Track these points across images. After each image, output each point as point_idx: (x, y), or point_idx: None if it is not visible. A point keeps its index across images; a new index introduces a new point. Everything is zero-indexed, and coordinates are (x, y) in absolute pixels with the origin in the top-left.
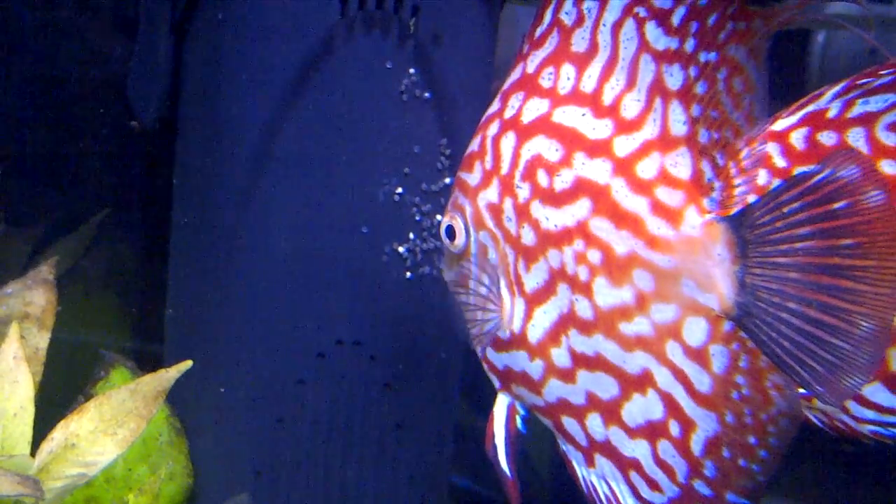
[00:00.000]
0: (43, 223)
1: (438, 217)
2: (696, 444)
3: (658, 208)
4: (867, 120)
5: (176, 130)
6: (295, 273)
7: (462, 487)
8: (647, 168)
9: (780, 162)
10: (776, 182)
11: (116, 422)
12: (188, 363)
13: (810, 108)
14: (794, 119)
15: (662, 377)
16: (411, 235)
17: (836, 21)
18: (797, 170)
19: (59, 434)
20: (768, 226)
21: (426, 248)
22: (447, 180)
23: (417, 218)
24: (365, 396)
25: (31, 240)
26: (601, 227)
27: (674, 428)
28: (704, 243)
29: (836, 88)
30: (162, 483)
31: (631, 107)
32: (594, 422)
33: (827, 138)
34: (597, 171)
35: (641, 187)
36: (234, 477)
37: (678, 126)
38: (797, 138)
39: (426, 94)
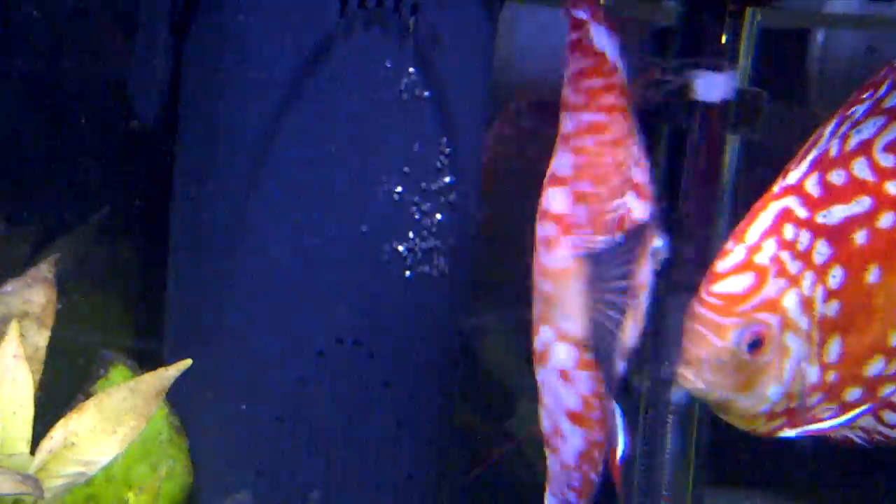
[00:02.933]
0: (43, 223)
1: (438, 216)
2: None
3: None
4: (865, 149)
5: (176, 130)
6: (294, 271)
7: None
8: None
9: (801, 213)
10: (804, 234)
11: (116, 420)
12: (188, 362)
13: (814, 153)
14: (804, 167)
15: None
16: (411, 234)
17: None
18: (819, 216)
19: (58, 433)
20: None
21: (425, 247)
22: (446, 179)
23: (417, 217)
24: (365, 395)
25: (31, 239)
26: None
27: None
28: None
29: (831, 126)
30: (162, 481)
31: None
32: None
33: (837, 177)
34: None
35: None
36: (234, 475)
37: None
38: (812, 186)
39: (426, 94)
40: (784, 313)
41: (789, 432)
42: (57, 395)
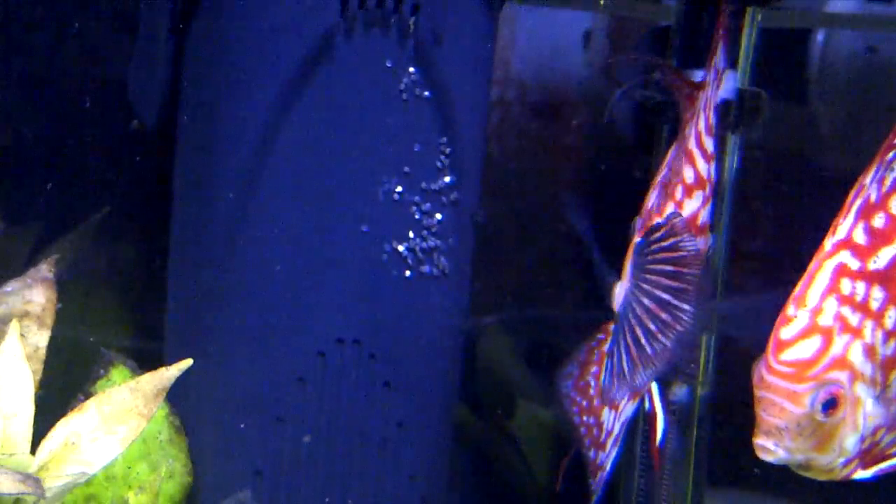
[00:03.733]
0: (43, 223)
1: (438, 216)
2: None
3: None
4: None
5: (176, 130)
6: (295, 271)
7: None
8: None
9: (854, 264)
10: (859, 285)
11: (116, 420)
12: (188, 361)
13: (858, 202)
14: (850, 219)
15: None
16: (411, 234)
17: None
18: (870, 264)
19: (59, 432)
20: (642, 256)
21: (426, 247)
22: (447, 179)
23: (417, 217)
24: (365, 395)
25: (31, 239)
26: None
27: None
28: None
29: (871, 174)
30: (162, 481)
31: None
32: None
33: (879, 221)
34: None
35: None
36: (234, 475)
37: None
38: (859, 235)
39: (426, 93)
40: (852, 367)
41: (864, 474)
42: (57, 395)
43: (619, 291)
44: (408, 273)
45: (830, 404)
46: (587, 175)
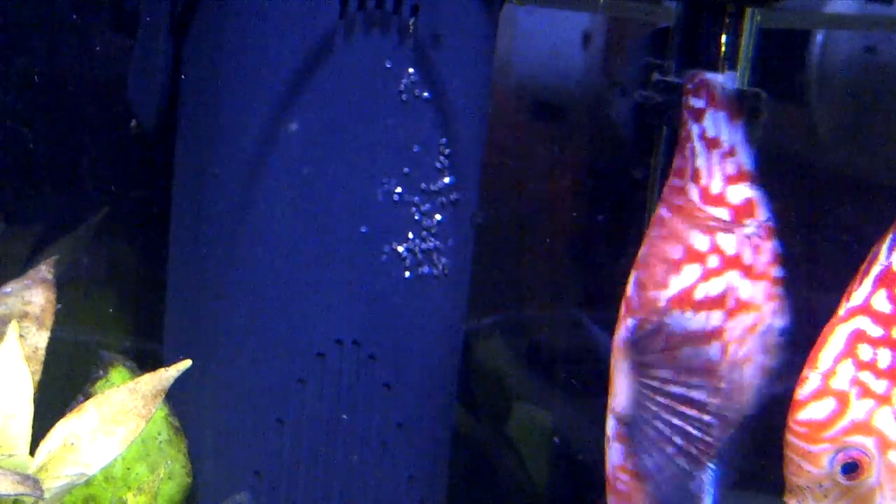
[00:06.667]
0: (43, 223)
1: (438, 217)
2: None
3: None
4: None
5: (176, 130)
6: (294, 272)
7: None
8: None
9: (875, 332)
10: (883, 352)
11: (116, 421)
12: (187, 362)
13: (875, 270)
14: (867, 287)
15: None
16: (410, 235)
17: None
18: (895, 332)
19: (58, 433)
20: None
21: (425, 248)
22: (446, 180)
23: (417, 217)
24: (365, 396)
25: (30, 240)
26: None
27: None
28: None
29: (887, 242)
30: (161, 482)
31: None
32: None
33: None
34: None
35: None
36: (233, 476)
37: None
38: (880, 303)
39: (425, 94)
40: (880, 434)
41: None
42: (56, 396)
43: (619, 389)
44: (407, 274)
45: (852, 468)
46: (586, 175)
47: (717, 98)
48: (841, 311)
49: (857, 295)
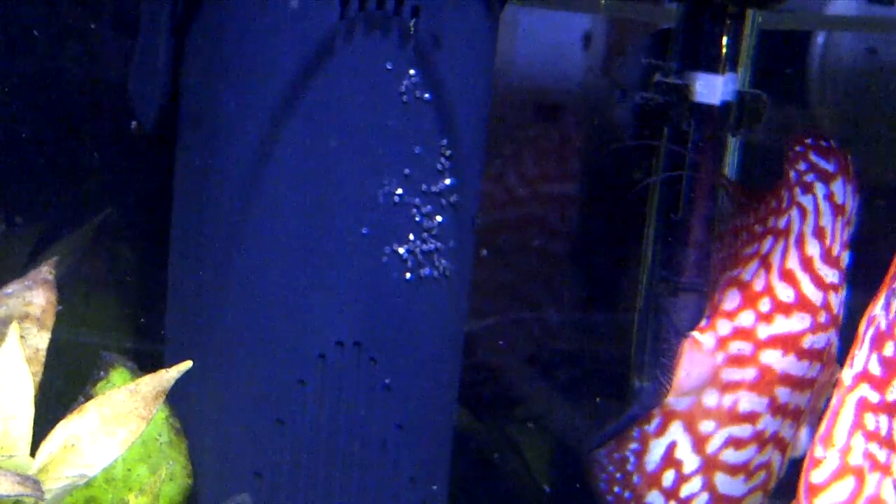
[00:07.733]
0: (43, 223)
1: (439, 218)
2: None
3: None
4: None
5: (176, 131)
6: (295, 273)
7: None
8: None
9: (874, 398)
10: (882, 419)
11: (116, 422)
12: (188, 363)
13: (871, 332)
14: (865, 350)
15: None
16: (411, 236)
17: None
18: (888, 395)
19: (58, 434)
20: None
21: (426, 249)
22: (447, 181)
23: (417, 219)
24: (365, 397)
25: (31, 240)
26: None
27: None
28: None
29: (881, 302)
30: (162, 483)
31: None
32: None
33: (889, 350)
34: None
35: None
36: (234, 477)
37: None
38: (874, 367)
39: (426, 95)
40: None
41: None
42: (57, 397)
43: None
44: (408, 275)
45: None
46: (587, 176)
47: (850, 170)
48: (847, 380)
49: (858, 360)
